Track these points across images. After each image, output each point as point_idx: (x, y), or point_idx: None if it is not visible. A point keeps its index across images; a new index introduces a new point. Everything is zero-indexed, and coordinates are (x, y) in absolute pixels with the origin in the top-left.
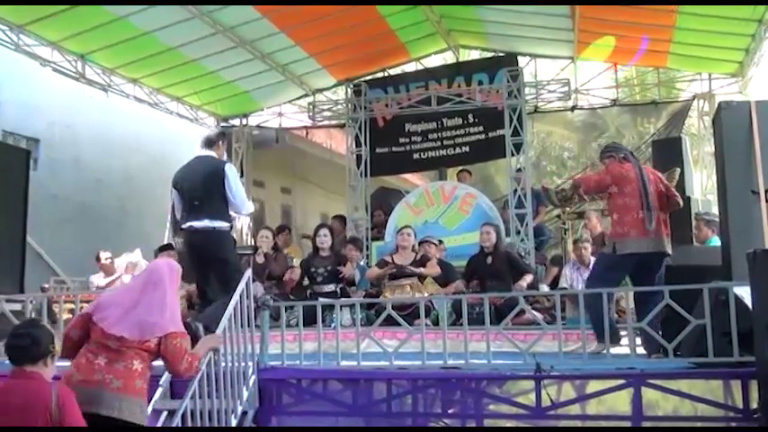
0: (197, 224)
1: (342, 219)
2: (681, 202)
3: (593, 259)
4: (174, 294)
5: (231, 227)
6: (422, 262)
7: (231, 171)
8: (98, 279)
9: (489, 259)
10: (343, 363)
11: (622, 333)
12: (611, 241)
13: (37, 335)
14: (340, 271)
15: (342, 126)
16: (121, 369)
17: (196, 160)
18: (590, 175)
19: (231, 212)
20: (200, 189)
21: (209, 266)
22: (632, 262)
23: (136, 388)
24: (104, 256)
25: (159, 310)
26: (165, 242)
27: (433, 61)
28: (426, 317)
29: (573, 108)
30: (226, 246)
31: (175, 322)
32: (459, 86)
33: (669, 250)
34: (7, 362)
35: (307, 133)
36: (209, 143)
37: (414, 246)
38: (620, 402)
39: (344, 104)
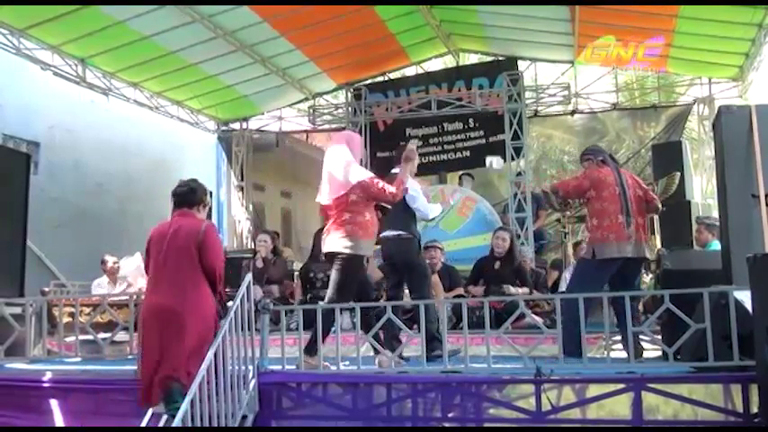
0: (385, 234)
1: None
2: (659, 206)
3: None
4: (354, 155)
5: (413, 235)
6: None
7: (411, 188)
8: (102, 286)
9: (497, 264)
10: (343, 366)
11: (617, 338)
12: (591, 246)
13: (194, 186)
14: None
15: (342, 130)
16: (347, 218)
17: None
18: (568, 179)
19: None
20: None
21: (402, 272)
22: (613, 267)
23: (359, 231)
24: (111, 260)
25: (345, 171)
26: None
27: (434, 65)
28: None
29: (573, 112)
30: (408, 252)
31: (362, 173)
32: (459, 90)
33: (649, 255)
34: None
35: (307, 137)
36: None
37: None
38: (621, 407)
39: (345, 108)
